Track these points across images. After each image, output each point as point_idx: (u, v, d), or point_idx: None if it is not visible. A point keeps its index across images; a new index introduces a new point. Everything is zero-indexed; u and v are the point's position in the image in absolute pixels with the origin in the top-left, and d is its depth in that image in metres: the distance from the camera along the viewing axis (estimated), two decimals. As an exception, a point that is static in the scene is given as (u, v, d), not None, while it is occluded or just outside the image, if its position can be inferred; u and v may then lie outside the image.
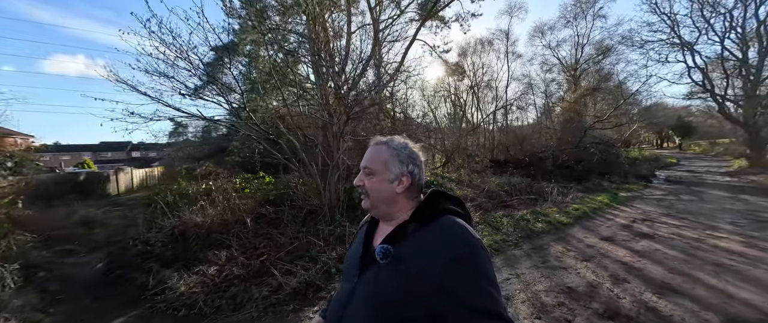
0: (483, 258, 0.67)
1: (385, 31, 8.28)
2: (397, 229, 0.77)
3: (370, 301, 0.70)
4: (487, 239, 4.28)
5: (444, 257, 0.66)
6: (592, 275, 3.17)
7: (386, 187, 0.78)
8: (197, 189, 4.91)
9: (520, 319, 2.36)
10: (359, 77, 6.92)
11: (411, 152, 0.83)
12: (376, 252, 0.72)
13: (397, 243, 0.73)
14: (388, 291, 0.68)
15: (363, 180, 0.80)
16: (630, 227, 5.07)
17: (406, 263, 0.69)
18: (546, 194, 7.53)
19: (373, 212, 0.83)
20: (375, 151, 0.82)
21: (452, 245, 0.68)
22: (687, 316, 2.34)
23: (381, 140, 0.85)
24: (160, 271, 3.26)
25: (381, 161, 0.80)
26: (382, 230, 0.82)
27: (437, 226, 0.73)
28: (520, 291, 2.85)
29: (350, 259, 0.87)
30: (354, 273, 0.78)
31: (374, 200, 0.79)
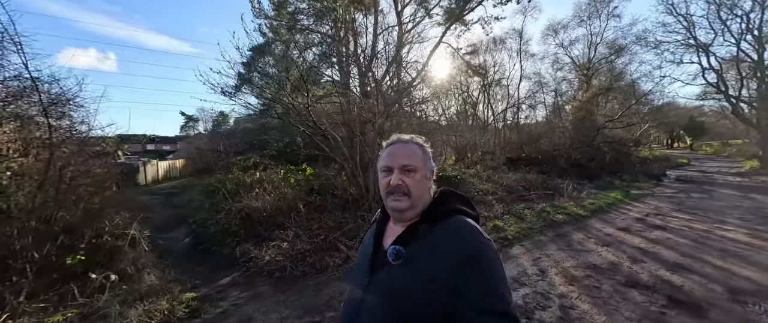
0: (493, 259, 0.68)
1: (411, 33, 8.75)
2: (408, 229, 0.76)
3: (385, 303, 0.70)
4: (515, 227, 4.79)
5: (455, 258, 0.66)
6: (612, 256, 3.66)
7: (425, 183, 0.79)
8: (252, 179, 5.50)
9: (556, 286, 2.88)
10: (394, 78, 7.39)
11: (429, 149, 0.86)
12: (389, 254, 0.72)
13: (408, 243, 0.73)
14: (401, 293, 0.68)
15: (402, 179, 0.76)
16: (643, 220, 5.51)
17: (418, 264, 0.69)
18: (561, 190, 7.98)
19: (407, 214, 0.78)
20: (408, 148, 0.81)
21: (463, 246, 0.68)
22: (696, 287, 2.83)
23: (405, 138, 0.84)
24: (239, 245, 3.85)
25: (419, 156, 0.79)
26: (392, 230, 0.81)
27: (448, 226, 0.74)
28: (552, 266, 3.37)
29: (361, 260, 0.86)
30: (365, 274, 0.78)
31: (416, 199, 0.77)
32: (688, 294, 2.71)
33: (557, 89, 22.28)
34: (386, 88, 8.53)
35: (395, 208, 0.77)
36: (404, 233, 0.76)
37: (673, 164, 17.76)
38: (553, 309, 2.48)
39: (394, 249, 0.72)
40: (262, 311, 2.46)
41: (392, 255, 0.71)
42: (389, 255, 0.72)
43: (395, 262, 0.70)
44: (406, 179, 0.76)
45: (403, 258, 0.70)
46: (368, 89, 9.14)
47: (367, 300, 0.73)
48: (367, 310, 0.73)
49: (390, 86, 8.18)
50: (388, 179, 0.77)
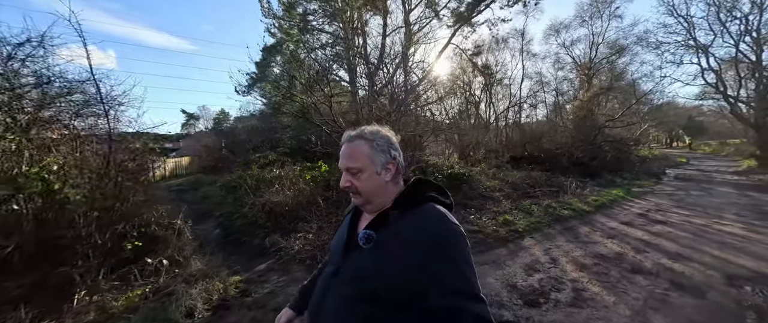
0: (462, 244, 0.70)
1: (418, 34, 8.99)
2: (379, 216, 0.79)
3: (353, 282, 0.73)
4: (524, 221, 5.05)
5: (425, 242, 0.69)
6: (618, 247, 3.93)
7: (376, 180, 0.79)
8: (272, 176, 5.75)
9: (568, 272, 3.14)
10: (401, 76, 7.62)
11: (387, 139, 0.83)
12: (359, 237, 0.75)
13: (379, 228, 0.75)
14: (369, 273, 0.71)
15: (350, 181, 0.79)
16: (645, 215, 5.78)
17: (387, 247, 0.72)
18: (565, 187, 8.25)
19: (367, 208, 0.82)
20: (353, 147, 0.81)
21: (433, 231, 0.71)
22: (695, 273, 3.10)
23: (352, 134, 0.84)
24: (268, 236, 4.10)
25: (364, 155, 0.79)
26: (366, 217, 0.84)
27: (419, 213, 0.76)
28: (562, 256, 3.63)
29: (335, 245, 0.88)
30: (338, 256, 0.81)
31: (368, 196, 0.79)
32: (689, 278, 2.97)
33: (558, 89, 22.56)
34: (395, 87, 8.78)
35: (354, 203, 0.85)
36: (375, 218, 0.79)
37: (672, 163, 18.07)
38: (566, 291, 2.75)
39: (365, 233, 0.75)
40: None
41: (363, 239, 0.74)
42: (360, 238, 0.75)
43: (366, 246, 0.73)
44: (353, 180, 0.79)
45: (374, 241, 0.73)
46: (377, 88, 9.39)
47: (337, 280, 0.77)
48: (337, 291, 0.75)
49: (398, 86, 8.43)
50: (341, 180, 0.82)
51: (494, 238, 4.23)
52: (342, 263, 0.78)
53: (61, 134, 2.95)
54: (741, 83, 14.31)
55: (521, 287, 2.82)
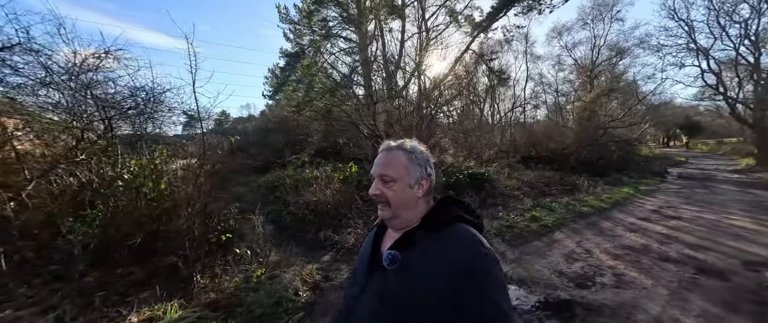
0: (494, 269, 0.67)
1: (436, 41, 9.36)
2: (405, 235, 0.76)
3: (378, 305, 0.70)
4: (550, 217, 5.42)
5: (454, 266, 0.65)
6: (642, 239, 4.31)
7: (408, 193, 0.77)
8: (310, 176, 6.09)
9: (604, 261, 3.51)
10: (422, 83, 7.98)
11: (425, 155, 0.83)
12: (384, 258, 0.73)
13: (405, 249, 0.73)
14: (394, 298, 0.68)
15: (381, 189, 0.77)
16: (658, 211, 6.18)
17: (414, 270, 0.69)
18: (578, 186, 8.66)
19: (393, 223, 0.80)
20: (391, 157, 0.80)
21: (463, 255, 0.67)
22: (717, 261, 3.48)
23: (392, 145, 0.82)
24: (320, 231, 4.44)
25: (401, 165, 0.78)
26: (391, 235, 0.81)
27: (448, 234, 0.73)
28: (594, 247, 4.00)
29: (359, 264, 0.86)
30: (362, 278, 0.78)
31: (396, 209, 0.77)
32: (712, 265, 3.36)
33: (560, 90, 23.07)
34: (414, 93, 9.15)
35: (380, 216, 0.80)
36: (401, 238, 0.76)
37: (672, 162, 18.56)
38: (607, 276, 3.11)
39: (390, 253, 0.72)
40: None
41: (387, 260, 0.72)
42: (384, 259, 0.72)
43: (390, 267, 0.71)
44: (384, 189, 0.76)
45: (399, 263, 0.71)
46: (394, 92, 9.74)
47: (361, 302, 0.74)
48: (361, 312, 0.73)
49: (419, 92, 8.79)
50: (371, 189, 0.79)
51: (528, 232, 4.60)
52: (365, 284, 0.76)
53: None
54: (740, 84, 14.83)
55: (567, 273, 3.19)
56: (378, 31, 9.77)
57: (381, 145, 0.85)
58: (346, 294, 0.85)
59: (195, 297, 2.41)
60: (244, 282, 2.61)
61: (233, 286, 2.55)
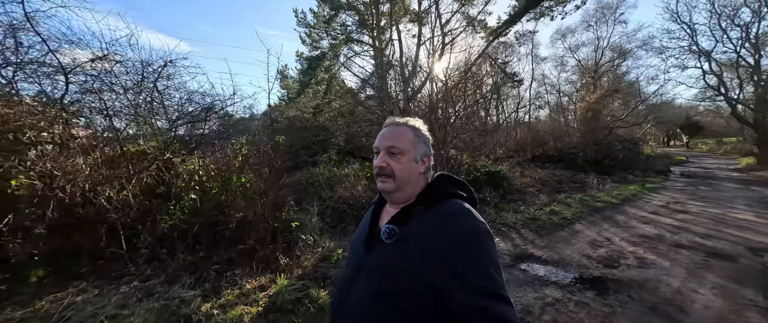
0: (487, 242, 0.69)
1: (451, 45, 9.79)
2: (403, 211, 0.79)
3: (376, 279, 0.73)
4: (568, 211, 5.85)
5: (449, 239, 0.68)
6: (655, 230, 4.74)
7: (413, 167, 0.80)
8: (341, 174, 6.53)
9: (625, 247, 3.95)
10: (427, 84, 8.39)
11: (427, 135, 0.86)
12: (382, 232, 0.76)
13: (403, 224, 0.75)
14: (392, 269, 0.71)
15: (387, 161, 0.79)
16: (666, 206, 6.62)
17: (410, 243, 0.72)
18: (588, 184, 9.10)
19: (395, 195, 0.81)
20: (398, 131, 0.82)
21: (457, 228, 0.70)
22: (725, 247, 3.92)
23: (399, 121, 0.85)
24: (359, 221, 4.88)
25: (408, 140, 0.80)
26: (388, 211, 0.84)
27: (443, 209, 0.75)
28: (613, 236, 4.44)
29: (357, 239, 0.88)
30: (360, 252, 0.80)
31: (401, 182, 0.79)
32: (721, 251, 3.79)
33: (564, 90, 23.52)
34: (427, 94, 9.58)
35: (382, 189, 0.81)
36: (399, 213, 0.78)
37: (674, 161, 19.01)
38: (630, 258, 3.55)
39: (388, 227, 0.75)
40: None
41: (385, 234, 0.74)
42: (383, 233, 0.75)
43: (388, 241, 0.73)
44: (390, 161, 0.78)
45: (397, 236, 0.73)
46: (410, 95, 10.17)
47: (360, 277, 0.76)
48: (359, 286, 0.75)
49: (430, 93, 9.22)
50: (375, 161, 0.81)
51: (551, 224, 5.04)
52: (364, 258, 0.78)
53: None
54: (741, 85, 15.28)
55: (594, 256, 3.62)
56: (396, 35, 10.20)
57: (386, 120, 0.86)
58: (342, 275, 0.86)
59: (286, 270, 2.85)
60: (322, 260, 3.04)
61: (311, 264, 2.99)
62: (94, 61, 3.68)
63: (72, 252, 2.82)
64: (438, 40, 10.06)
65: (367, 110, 6.38)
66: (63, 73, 3.47)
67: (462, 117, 9.46)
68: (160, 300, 2.34)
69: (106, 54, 3.76)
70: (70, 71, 3.51)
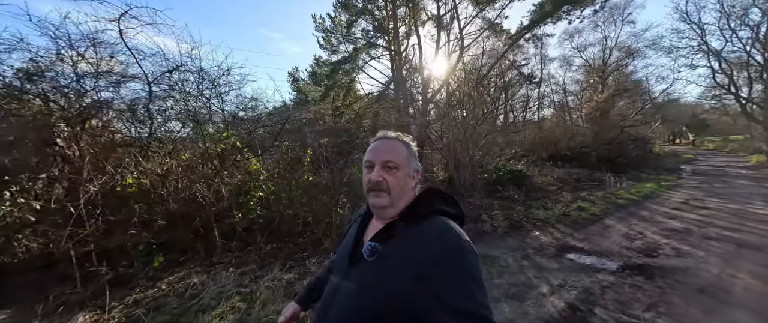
0: (471, 260, 0.68)
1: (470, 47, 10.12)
2: (386, 227, 0.78)
3: (356, 296, 0.72)
4: (594, 208, 6.15)
5: (430, 257, 0.67)
6: (682, 224, 5.04)
7: (407, 182, 0.80)
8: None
9: (659, 239, 4.25)
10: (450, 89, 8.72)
11: (415, 149, 0.87)
12: (364, 249, 0.75)
13: (386, 240, 0.74)
14: (373, 288, 0.70)
15: (383, 175, 0.78)
16: (686, 203, 6.90)
17: (392, 261, 0.71)
18: (606, 182, 9.38)
19: (387, 211, 0.80)
20: (392, 145, 0.81)
21: (440, 246, 0.69)
22: (751, 238, 4.21)
23: (391, 135, 0.85)
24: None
25: (403, 155, 0.80)
26: (373, 226, 0.83)
27: (427, 226, 0.74)
28: (644, 229, 4.74)
29: (341, 253, 0.87)
30: (343, 268, 0.80)
31: (396, 197, 0.78)
32: (750, 243, 4.08)
33: (572, 90, 23.75)
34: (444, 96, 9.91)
35: (375, 204, 0.79)
36: (382, 230, 0.77)
37: (682, 159, 19.17)
38: (666, 249, 3.86)
39: (370, 245, 0.74)
40: (491, 248, 3.90)
41: (367, 251, 0.74)
42: (365, 250, 0.75)
43: (370, 258, 0.73)
44: (386, 175, 0.77)
45: (378, 254, 0.73)
46: (429, 96, 10.49)
47: (341, 292, 0.76)
48: (340, 303, 0.75)
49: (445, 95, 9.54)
50: (370, 176, 0.79)
51: (582, 219, 5.35)
52: (346, 274, 0.77)
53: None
54: (751, 84, 15.48)
55: (632, 247, 3.93)
56: (414, 40, 10.53)
57: (376, 135, 0.86)
58: (328, 283, 0.85)
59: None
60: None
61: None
62: (171, 72, 4.04)
63: (172, 241, 3.17)
64: (456, 43, 10.38)
65: (393, 108, 6.70)
66: (147, 83, 3.83)
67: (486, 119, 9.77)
68: (267, 281, 2.68)
69: (179, 65, 4.12)
70: (153, 81, 3.87)
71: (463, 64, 10.54)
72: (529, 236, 4.44)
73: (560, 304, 2.51)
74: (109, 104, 3.61)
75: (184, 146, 3.95)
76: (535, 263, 3.43)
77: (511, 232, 4.66)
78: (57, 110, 3.22)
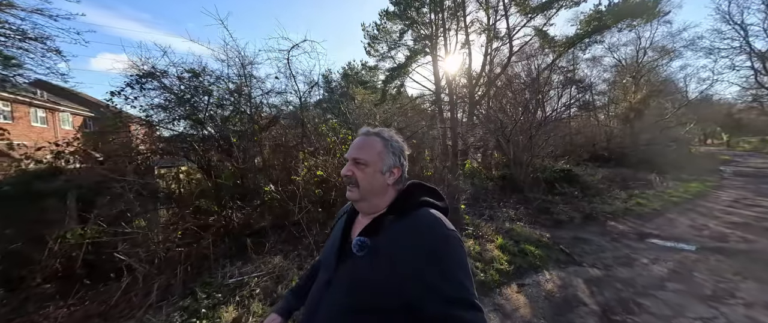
0: (457, 250, 0.71)
1: (519, 53, 10.82)
2: (374, 222, 0.80)
3: (347, 291, 0.73)
4: (651, 204, 6.78)
5: (419, 249, 0.70)
6: (740, 219, 5.63)
7: (378, 178, 0.82)
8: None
9: (724, 230, 4.90)
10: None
11: (400, 145, 0.87)
12: (353, 245, 0.77)
13: (374, 235, 0.76)
14: (364, 282, 0.72)
15: (352, 170, 0.81)
16: (738, 201, 7.38)
17: (382, 255, 0.73)
18: (651, 181, 9.88)
19: (359, 205, 0.84)
20: (366, 141, 0.84)
21: (428, 237, 0.71)
22: (810, 231, 4.81)
23: (371, 130, 0.87)
24: (486, 210, 6.04)
25: (375, 151, 0.82)
26: (360, 222, 0.85)
27: (414, 218, 0.77)
28: (707, 222, 5.39)
29: (327, 251, 0.89)
30: (331, 264, 0.81)
31: (364, 192, 0.81)
32: (807, 233, 4.69)
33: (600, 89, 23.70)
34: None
35: (348, 197, 0.84)
36: (370, 225, 0.80)
37: (719, 160, 18.98)
38: (734, 237, 4.53)
39: (359, 240, 0.76)
40: (580, 233, 4.67)
41: (356, 246, 0.76)
42: (353, 246, 0.76)
43: (359, 253, 0.75)
44: (356, 170, 0.81)
45: (368, 249, 0.74)
46: (476, 99, 11.23)
47: (331, 288, 0.77)
48: (330, 298, 0.76)
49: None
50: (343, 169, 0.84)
51: (645, 213, 6.04)
52: (334, 271, 0.79)
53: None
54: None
55: (703, 235, 4.63)
56: (463, 47, 11.31)
57: (360, 130, 0.89)
58: (314, 284, 0.86)
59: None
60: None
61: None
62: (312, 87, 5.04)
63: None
64: (505, 52, 11.07)
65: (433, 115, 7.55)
66: (299, 97, 4.85)
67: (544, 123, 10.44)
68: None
69: (316, 82, 5.11)
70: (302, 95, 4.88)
71: (513, 70, 11.23)
72: (606, 226, 5.21)
73: (663, 270, 3.31)
74: (278, 116, 4.64)
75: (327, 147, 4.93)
76: (624, 244, 4.22)
77: (587, 222, 5.43)
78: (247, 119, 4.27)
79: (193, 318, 2.01)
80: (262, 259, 3.14)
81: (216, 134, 3.81)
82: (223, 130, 3.87)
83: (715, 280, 3.07)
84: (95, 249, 2.72)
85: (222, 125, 3.98)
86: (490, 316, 2.45)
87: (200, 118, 3.76)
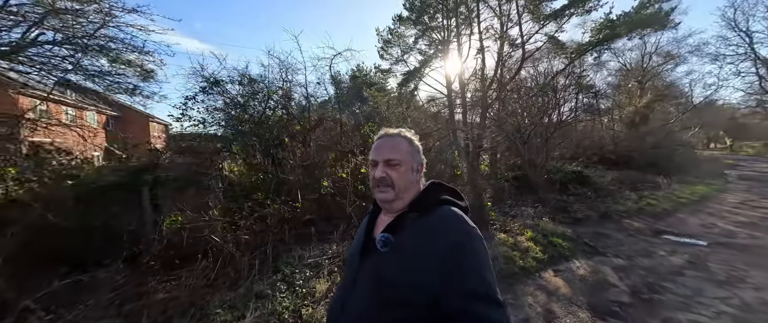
0: (480, 247, 0.73)
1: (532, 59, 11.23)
2: (397, 219, 0.83)
3: (372, 287, 0.76)
4: (662, 204, 7.15)
5: (442, 245, 0.72)
6: (746, 219, 6.00)
7: (411, 176, 0.86)
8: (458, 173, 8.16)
9: (732, 228, 5.27)
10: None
11: (419, 144, 0.92)
12: (377, 241, 0.79)
13: (397, 232, 0.79)
14: (389, 278, 0.74)
15: (387, 172, 0.84)
16: (744, 203, 7.74)
17: (405, 251, 0.76)
18: (659, 183, 10.24)
19: (394, 205, 0.85)
20: (395, 142, 0.88)
21: (450, 234, 0.74)
22: (812, 230, 5.18)
23: (393, 132, 0.90)
24: (510, 208, 6.43)
25: (405, 151, 0.86)
26: (382, 220, 0.88)
27: (436, 216, 0.80)
28: (716, 221, 5.76)
29: (353, 249, 0.93)
30: (356, 261, 0.85)
31: (400, 191, 0.83)
32: (810, 232, 5.06)
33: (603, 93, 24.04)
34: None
35: (381, 199, 0.86)
36: (393, 222, 0.83)
37: (724, 164, 19.30)
38: (742, 234, 4.91)
39: (383, 236, 0.79)
40: (599, 229, 5.04)
41: (380, 242, 0.78)
42: (378, 242, 0.79)
43: (383, 249, 0.77)
44: (390, 171, 0.84)
45: (391, 245, 0.77)
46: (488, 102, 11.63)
47: (357, 285, 0.80)
48: (356, 295, 0.79)
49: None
50: (374, 173, 0.85)
51: (656, 213, 6.42)
52: (359, 268, 0.82)
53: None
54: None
55: (713, 232, 5.00)
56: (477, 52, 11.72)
57: (378, 133, 0.93)
58: (340, 283, 0.92)
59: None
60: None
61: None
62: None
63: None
64: (518, 57, 11.47)
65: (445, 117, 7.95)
66: (337, 102, 5.26)
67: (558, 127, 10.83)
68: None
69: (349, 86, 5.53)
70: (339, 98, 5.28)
71: (526, 74, 11.63)
72: (622, 223, 5.60)
73: (680, 260, 3.69)
74: (322, 118, 5.05)
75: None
76: (641, 239, 4.60)
77: (604, 220, 5.81)
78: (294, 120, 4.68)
79: (293, 287, 2.41)
80: (321, 246, 3.55)
81: (274, 134, 4.22)
82: (279, 131, 4.28)
83: (728, 269, 3.45)
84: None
85: (276, 126, 4.39)
86: (536, 293, 2.84)
87: (260, 119, 4.17)
